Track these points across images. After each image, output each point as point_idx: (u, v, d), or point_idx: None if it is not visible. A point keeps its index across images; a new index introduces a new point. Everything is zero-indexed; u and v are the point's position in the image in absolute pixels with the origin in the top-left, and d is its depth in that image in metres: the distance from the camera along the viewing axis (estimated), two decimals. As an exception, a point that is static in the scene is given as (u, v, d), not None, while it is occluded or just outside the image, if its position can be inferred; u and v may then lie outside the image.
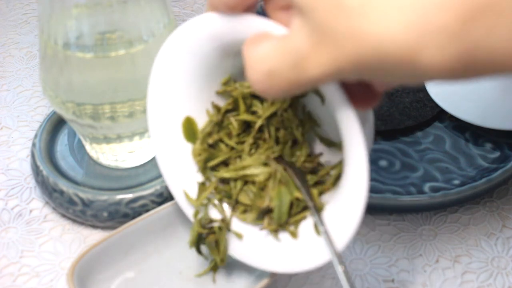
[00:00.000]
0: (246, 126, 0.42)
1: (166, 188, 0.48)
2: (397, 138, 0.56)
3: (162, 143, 0.42)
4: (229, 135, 0.42)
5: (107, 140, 0.49)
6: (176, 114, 0.41)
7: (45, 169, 0.50)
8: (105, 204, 0.48)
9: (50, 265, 0.47)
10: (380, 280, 0.46)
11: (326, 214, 0.39)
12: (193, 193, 0.42)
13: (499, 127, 0.54)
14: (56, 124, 0.54)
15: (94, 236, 0.49)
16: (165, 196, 0.48)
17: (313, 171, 0.41)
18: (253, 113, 0.41)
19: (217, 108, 0.42)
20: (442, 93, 0.57)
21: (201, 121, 0.42)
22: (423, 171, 0.53)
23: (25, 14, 0.72)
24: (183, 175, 0.42)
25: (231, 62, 0.40)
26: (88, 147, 0.51)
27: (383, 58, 0.26)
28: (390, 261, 0.47)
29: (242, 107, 0.41)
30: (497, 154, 0.54)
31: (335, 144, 0.41)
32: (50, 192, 0.49)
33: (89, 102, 0.46)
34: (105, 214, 0.48)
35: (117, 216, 0.48)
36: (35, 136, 0.53)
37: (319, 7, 0.27)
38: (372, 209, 0.49)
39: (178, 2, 0.74)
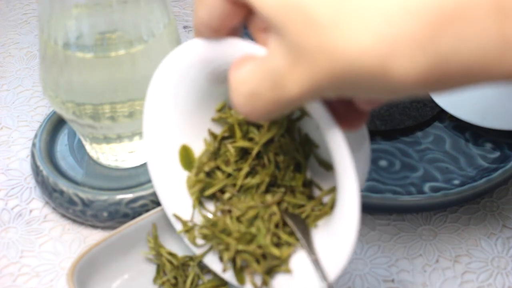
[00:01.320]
0: (244, 153, 0.41)
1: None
2: (397, 138, 0.56)
3: (159, 171, 0.42)
4: (227, 162, 0.41)
5: (107, 140, 0.49)
6: (172, 142, 0.41)
7: (45, 169, 0.50)
8: (105, 204, 0.48)
9: (50, 265, 0.47)
10: (380, 280, 0.46)
11: (319, 241, 0.38)
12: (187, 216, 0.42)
13: (499, 127, 0.54)
14: (56, 124, 0.54)
15: (94, 236, 0.49)
16: (165, 196, 0.48)
17: (310, 197, 0.41)
18: (250, 139, 0.41)
19: (213, 135, 0.41)
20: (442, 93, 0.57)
21: (198, 148, 0.42)
22: (423, 171, 0.53)
23: (25, 14, 0.72)
24: (180, 204, 0.42)
25: (224, 88, 0.39)
26: (88, 147, 0.51)
27: (357, 72, 0.25)
28: (390, 261, 0.47)
29: (238, 133, 0.41)
30: (497, 154, 0.54)
31: (332, 168, 0.40)
32: (50, 192, 0.49)
33: (89, 102, 0.46)
34: (105, 214, 0.48)
35: (117, 216, 0.48)
36: (35, 136, 0.53)
37: (290, 24, 0.26)
38: (372, 209, 0.49)
39: (178, 2, 0.74)
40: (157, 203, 0.47)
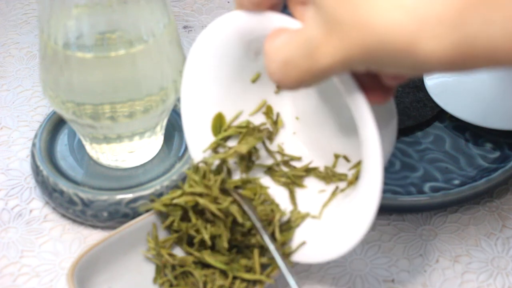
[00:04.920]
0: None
1: (166, 188, 0.48)
2: (397, 138, 0.56)
3: (193, 134, 0.44)
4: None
5: (107, 140, 0.49)
6: (207, 108, 0.44)
7: (45, 169, 0.50)
8: (105, 204, 0.48)
9: (50, 265, 0.47)
10: (380, 280, 0.46)
11: (340, 210, 0.41)
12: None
13: (499, 127, 0.54)
14: (56, 124, 0.54)
15: (94, 236, 0.49)
16: (165, 196, 0.48)
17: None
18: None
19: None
20: (442, 93, 0.57)
21: (230, 116, 0.44)
22: (423, 171, 0.52)
23: (25, 14, 0.72)
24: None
25: (258, 60, 0.42)
26: (88, 147, 0.51)
27: (386, 47, 0.26)
28: (390, 261, 0.47)
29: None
30: (497, 154, 0.54)
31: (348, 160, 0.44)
32: (50, 192, 0.49)
33: (89, 102, 0.46)
34: (105, 214, 0.48)
35: (117, 216, 0.48)
36: (35, 136, 0.53)
37: None
38: (372, 209, 0.49)
39: (178, 2, 0.74)
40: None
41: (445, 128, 0.56)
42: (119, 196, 0.48)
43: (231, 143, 0.45)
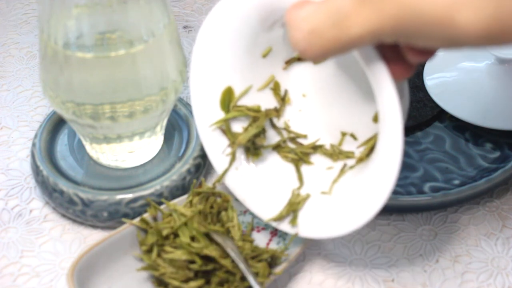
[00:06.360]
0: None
1: (166, 188, 0.48)
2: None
3: (202, 109, 0.44)
4: None
5: (107, 140, 0.49)
6: (217, 81, 0.44)
7: (45, 169, 0.50)
8: (105, 204, 0.48)
9: (50, 265, 0.47)
10: (380, 280, 0.46)
11: (356, 184, 0.41)
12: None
13: (499, 127, 0.54)
14: (56, 124, 0.54)
15: (94, 236, 0.49)
16: (165, 196, 0.48)
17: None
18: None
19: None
20: (442, 93, 0.57)
21: (239, 89, 0.44)
22: (423, 171, 0.52)
23: (25, 14, 0.72)
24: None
25: (270, 34, 0.42)
26: (88, 147, 0.51)
27: (421, 18, 0.26)
28: (390, 261, 0.47)
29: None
30: (497, 154, 0.54)
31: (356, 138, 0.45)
32: (50, 192, 0.49)
33: (89, 102, 0.45)
34: (105, 214, 0.48)
35: (117, 216, 0.48)
36: (35, 136, 0.53)
37: None
38: (372, 209, 0.49)
39: (178, 2, 0.74)
40: (157, 203, 0.47)
41: (445, 128, 0.56)
42: (119, 196, 0.48)
43: (237, 124, 0.45)
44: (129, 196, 0.48)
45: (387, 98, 0.34)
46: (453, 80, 0.58)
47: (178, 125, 0.54)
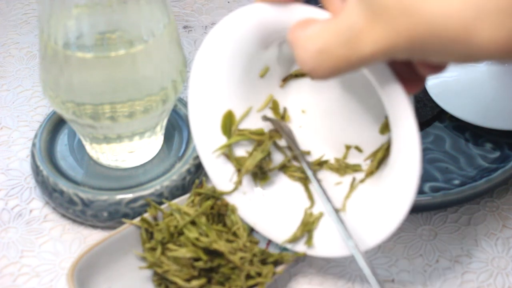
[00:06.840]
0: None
1: (166, 188, 0.48)
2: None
3: (201, 133, 0.44)
4: None
5: (107, 140, 0.49)
6: (216, 105, 0.43)
7: (45, 169, 0.50)
8: (105, 204, 0.48)
9: (50, 265, 0.47)
10: (380, 280, 0.46)
11: (380, 190, 0.40)
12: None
13: (499, 127, 0.54)
14: (56, 124, 0.54)
15: (94, 236, 0.49)
16: (165, 196, 0.48)
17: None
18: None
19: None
20: (442, 93, 0.57)
21: (239, 112, 0.44)
22: (423, 171, 0.52)
23: (25, 14, 0.72)
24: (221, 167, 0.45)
25: (269, 53, 0.41)
26: (88, 147, 0.51)
27: (437, 35, 0.26)
28: (390, 261, 0.47)
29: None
30: (497, 154, 0.54)
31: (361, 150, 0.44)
32: (50, 192, 0.49)
33: (89, 102, 0.46)
34: (105, 214, 0.48)
35: (117, 216, 0.48)
36: (35, 136, 0.53)
37: None
38: (372, 209, 0.49)
39: (178, 2, 0.74)
40: (157, 203, 0.47)
41: (445, 128, 0.56)
42: (119, 196, 0.48)
43: (240, 148, 0.44)
44: (129, 196, 0.48)
45: (405, 119, 0.34)
46: (453, 80, 0.58)
47: (178, 125, 0.54)
